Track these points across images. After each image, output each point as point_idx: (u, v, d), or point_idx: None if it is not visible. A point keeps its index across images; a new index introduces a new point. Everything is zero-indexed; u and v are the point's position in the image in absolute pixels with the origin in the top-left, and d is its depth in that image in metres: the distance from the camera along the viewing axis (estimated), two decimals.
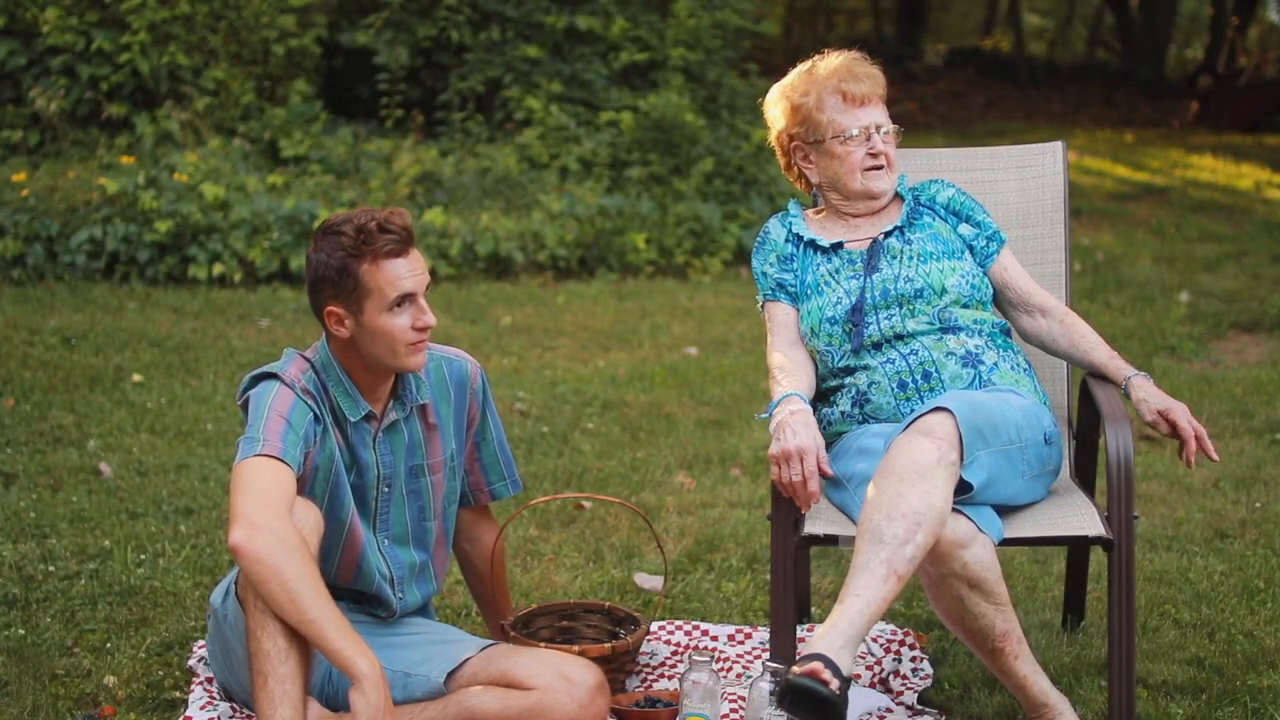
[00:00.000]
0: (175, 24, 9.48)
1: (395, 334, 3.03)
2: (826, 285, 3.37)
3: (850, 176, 3.40)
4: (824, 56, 3.47)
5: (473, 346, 6.81)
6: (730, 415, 5.80)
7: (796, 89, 3.45)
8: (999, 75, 21.50)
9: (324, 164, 9.30)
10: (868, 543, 2.84)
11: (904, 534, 2.82)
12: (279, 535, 2.81)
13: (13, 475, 4.82)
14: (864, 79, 3.41)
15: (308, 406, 3.03)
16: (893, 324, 3.28)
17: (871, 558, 2.82)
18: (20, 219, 8.05)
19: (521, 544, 4.36)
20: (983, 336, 3.29)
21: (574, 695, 3.03)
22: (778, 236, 3.50)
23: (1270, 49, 22.64)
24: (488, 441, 3.37)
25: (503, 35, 10.32)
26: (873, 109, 3.41)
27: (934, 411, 2.95)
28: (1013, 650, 3.02)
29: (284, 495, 2.88)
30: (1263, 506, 4.69)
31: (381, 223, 3.01)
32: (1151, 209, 11.22)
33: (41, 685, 3.34)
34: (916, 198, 3.47)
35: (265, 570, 2.80)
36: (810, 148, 3.44)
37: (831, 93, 3.39)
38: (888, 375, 3.26)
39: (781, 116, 3.48)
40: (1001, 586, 2.98)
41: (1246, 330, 7.47)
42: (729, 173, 9.80)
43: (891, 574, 2.81)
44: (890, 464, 2.90)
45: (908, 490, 2.84)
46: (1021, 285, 3.41)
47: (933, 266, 3.32)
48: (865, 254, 3.37)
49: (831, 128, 3.39)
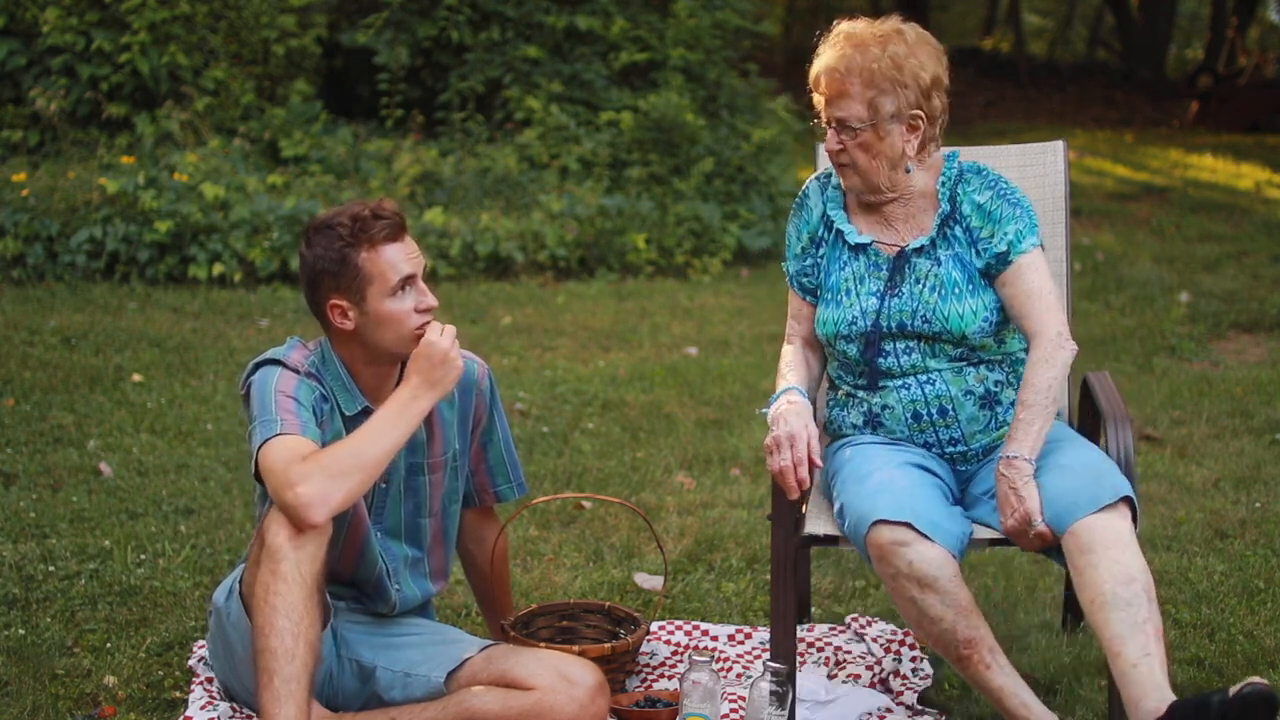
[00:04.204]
0: (175, 24, 9.48)
1: (401, 318, 3.05)
2: (846, 295, 3.24)
3: (833, 163, 3.27)
4: (837, 29, 3.22)
5: (473, 346, 6.76)
6: (730, 415, 5.79)
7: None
8: (999, 75, 21.49)
9: (324, 164, 9.30)
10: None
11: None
12: (317, 469, 2.86)
13: (13, 475, 4.82)
14: (842, 71, 3.14)
15: (312, 386, 3.04)
16: (911, 359, 3.19)
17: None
18: (20, 219, 8.05)
19: (522, 544, 4.36)
20: (1004, 369, 3.22)
21: (574, 695, 3.03)
22: (815, 207, 3.33)
23: (1270, 49, 22.63)
24: (494, 443, 3.37)
25: (503, 35, 10.32)
26: (843, 102, 3.15)
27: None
28: (982, 659, 2.96)
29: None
30: (1263, 506, 4.68)
31: (374, 210, 3.05)
32: (1151, 209, 11.22)
33: (41, 685, 3.34)
34: (953, 200, 3.23)
35: (337, 491, 2.86)
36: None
37: (816, 76, 3.21)
38: (902, 403, 3.20)
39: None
40: (961, 590, 2.95)
41: (1246, 330, 7.47)
42: (729, 173, 9.80)
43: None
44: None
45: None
46: (1019, 305, 3.14)
47: (952, 308, 3.14)
48: (890, 264, 3.23)
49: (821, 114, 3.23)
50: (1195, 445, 5.39)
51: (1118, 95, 20.01)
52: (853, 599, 4.04)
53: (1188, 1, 26.25)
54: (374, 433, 2.95)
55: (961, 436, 3.20)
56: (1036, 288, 3.14)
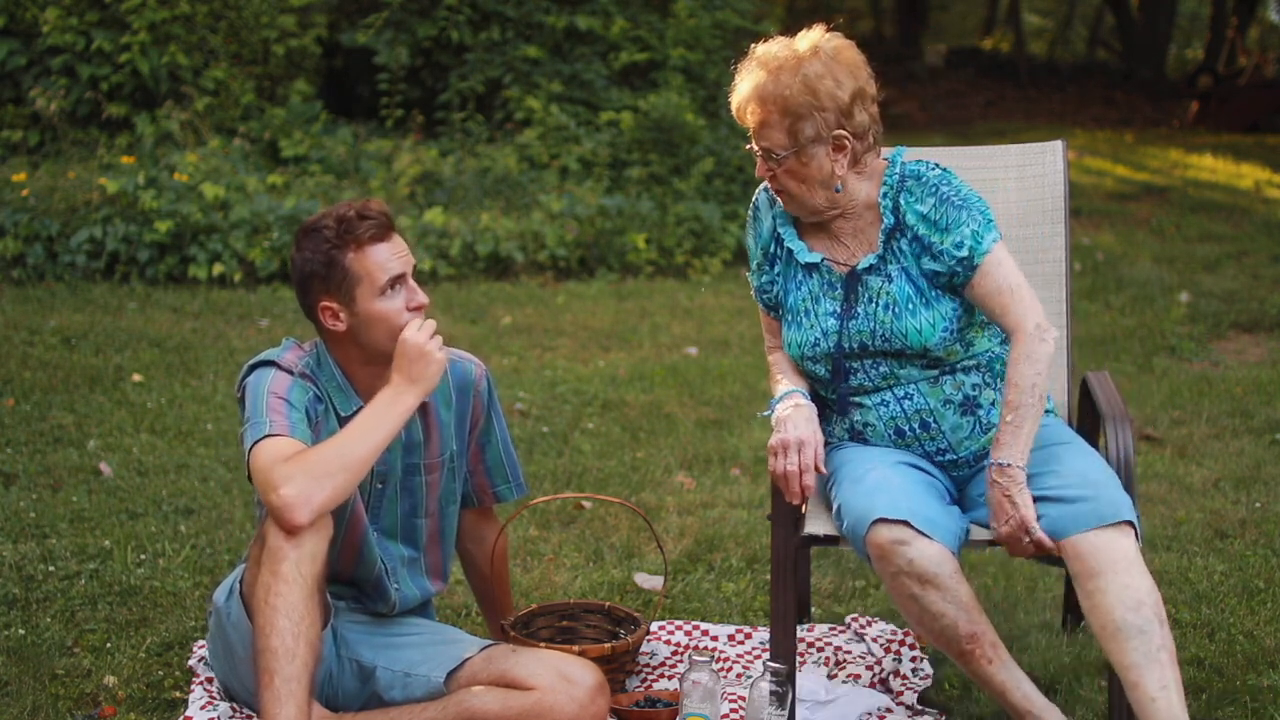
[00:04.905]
0: (175, 24, 9.48)
1: (392, 317, 3.04)
2: (806, 315, 3.21)
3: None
4: (751, 54, 3.16)
5: (473, 346, 6.81)
6: (730, 415, 5.79)
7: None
8: (999, 75, 21.50)
9: (324, 164, 9.30)
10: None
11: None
12: (301, 469, 2.84)
13: (13, 475, 4.82)
14: (758, 100, 3.09)
15: (306, 387, 3.04)
16: (881, 372, 3.16)
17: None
18: (20, 219, 8.05)
19: (522, 544, 4.36)
20: (980, 371, 3.18)
21: (574, 695, 3.03)
22: (764, 220, 3.30)
23: (1270, 49, 22.64)
24: (492, 444, 3.37)
25: (503, 35, 10.32)
26: (765, 131, 3.11)
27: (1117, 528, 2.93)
28: (984, 654, 2.97)
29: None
30: (1263, 506, 4.68)
31: (360, 211, 3.04)
32: (1151, 209, 11.22)
33: (41, 685, 3.34)
34: (897, 211, 3.15)
35: (323, 491, 2.84)
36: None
37: (738, 108, 3.18)
38: (882, 420, 3.18)
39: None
40: (961, 585, 2.94)
41: (1246, 330, 7.47)
42: (729, 173, 9.80)
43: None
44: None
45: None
46: (991, 304, 3.08)
47: (908, 324, 3.10)
48: (844, 283, 3.17)
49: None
50: (1195, 445, 5.39)
51: (1118, 95, 20.01)
52: (853, 599, 4.04)
53: (1188, 1, 26.25)
54: (359, 432, 2.93)
55: (949, 446, 3.19)
56: (1005, 283, 3.07)
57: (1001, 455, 2.97)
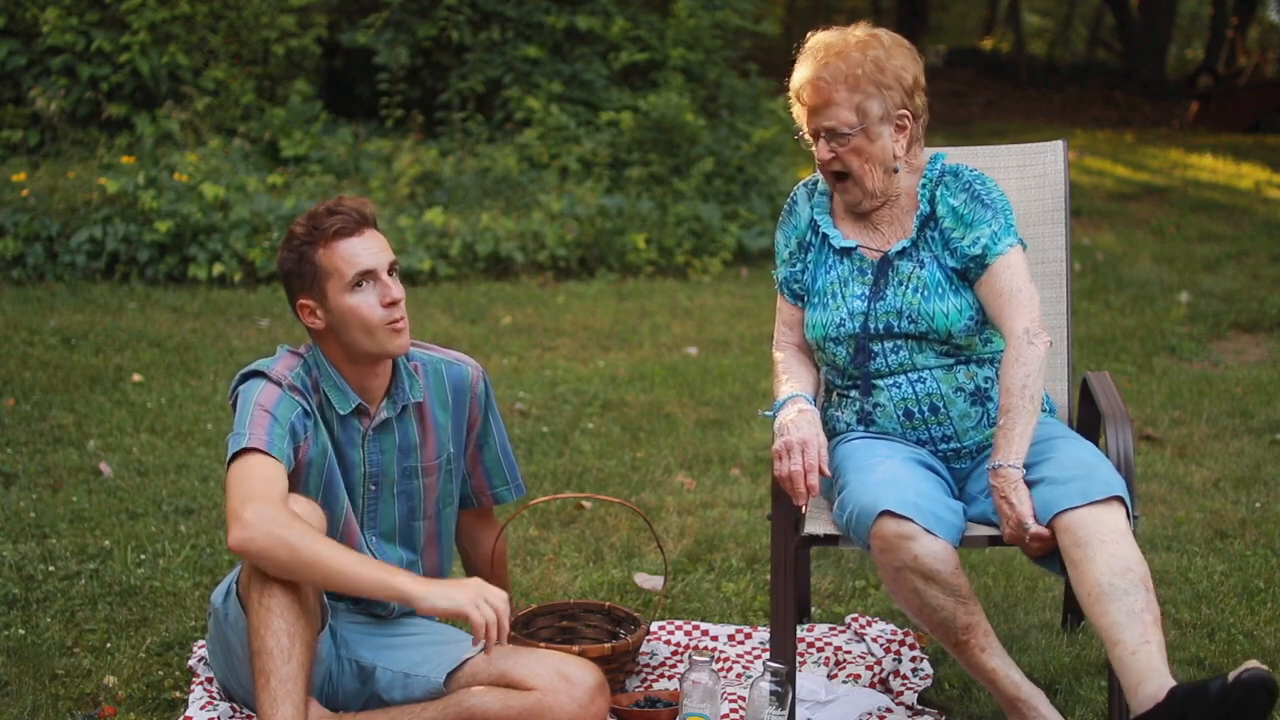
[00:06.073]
0: (175, 24, 9.48)
1: (363, 313, 3.04)
2: (833, 298, 3.27)
3: (828, 179, 3.30)
4: (813, 41, 3.24)
5: (473, 346, 6.81)
6: (730, 415, 5.79)
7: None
8: (999, 75, 21.50)
9: (324, 164, 9.30)
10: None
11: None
12: (273, 519, 2.82)
13: (13, 475, 4.82)
14: (826, 79, 3.17)
15: (295, 401, 3.03)
16: (900, 358, 3.21)
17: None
18: (20, 219, 8.05)
19: (521, 544, 4.36)
20: (994, 366, 3.24)
21: (574, 695, 3.03)
22: (803, 213, 3.37)
23: (1270, 49, 22.64)
24: (489, 446, 3.37)
25: (503, 35, 10.32)
26: (830, 110, 3.18)
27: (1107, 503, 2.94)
28: (978, 643, 3.02)
29: (275, 486, 2.89)
30: (1263, 506, 4.68)
31: (331, 207, 3.06)
32: (1151, 209, 11.22)
33: (41, 685, 3.34)
34: (932, 201, 3.25)
35: (272, 550, 2.80)
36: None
37: (799, 88, 3.24)
38: (893, 401, 3.22)
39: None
40: (961, 580, 2.98)
41: (1246, 330, 7.47)
42: (729, 173, 9.80)
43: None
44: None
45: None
46: (993, 306, 3.16)
47: (936, 306, 3.17)
48: (875, 268, 3.25)
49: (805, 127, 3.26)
50: (1195, 445, 5.39)
51: (1118, 95, 20.02)
52: (853, 599, 4.04)
53: (1188, 1, 26.26)
54: (347, 561, 2.86)
55: (954, 434, 3.22)
56: (1009, 288, 3.14)
57: (997, 458, 3.02)
